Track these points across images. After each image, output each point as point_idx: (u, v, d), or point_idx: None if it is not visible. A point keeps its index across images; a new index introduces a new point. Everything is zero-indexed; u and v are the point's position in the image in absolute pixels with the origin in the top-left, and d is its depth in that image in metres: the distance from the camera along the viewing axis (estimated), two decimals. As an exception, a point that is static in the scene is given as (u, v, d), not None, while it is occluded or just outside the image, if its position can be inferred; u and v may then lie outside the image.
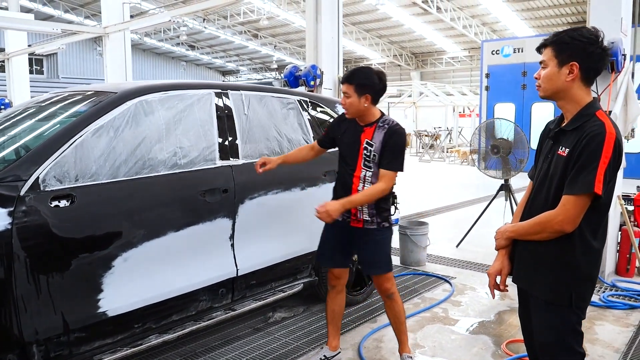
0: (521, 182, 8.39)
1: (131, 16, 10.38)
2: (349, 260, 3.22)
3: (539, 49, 2.03)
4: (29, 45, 13.32)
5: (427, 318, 3.97)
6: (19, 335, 2.30)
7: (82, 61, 30.70)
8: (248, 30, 29.29)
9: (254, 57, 35.78)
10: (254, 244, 3.32)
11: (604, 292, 4.46)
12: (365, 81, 2.89)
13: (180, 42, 31.65)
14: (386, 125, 2.91)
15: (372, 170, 2.91)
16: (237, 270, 3.20)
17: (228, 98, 3.37)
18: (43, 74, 28.19)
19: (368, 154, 2.90)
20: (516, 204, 5.78)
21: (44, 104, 3.19)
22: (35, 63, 27.04)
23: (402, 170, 2.89)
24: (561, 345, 1.95)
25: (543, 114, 14.32)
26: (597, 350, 3.39)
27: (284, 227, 3.53)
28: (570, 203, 1.85)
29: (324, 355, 3.19)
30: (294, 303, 4.11)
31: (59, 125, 2.71)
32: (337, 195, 3.05)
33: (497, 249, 2.13)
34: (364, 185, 2.92)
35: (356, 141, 2.95)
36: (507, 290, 2.13)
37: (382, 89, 2.94)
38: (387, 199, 3.02)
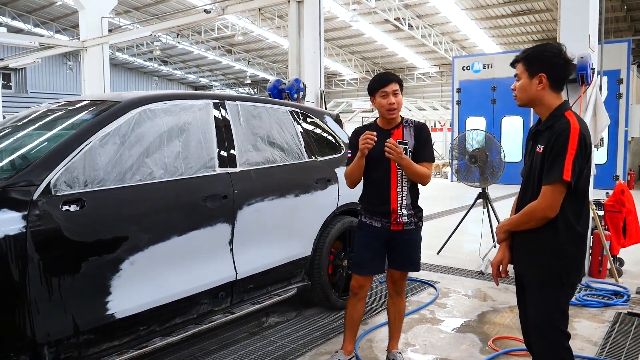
0: (497, 193, 8.73)
1: (109, 30, 10.40)
2: (383, 265, 3.24)
3: (512, 64, 2.35)
4: (2, 59, 13.13)
5: (416, 319, 4.12)
6: (31, 337, 2.35)
7: (52, 76, 30.23)
8: (222, 46, 29.39)
9: (227, 73, 35.85)
10: (252, 249, 3.43)
11: (579, 292, 4.69)
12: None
13: (153, 57, 31.51)
14: (411, 124, 3.10)
15: None
16: (237, 274, 3.30)
17: (225, 108, 3.49)
18: (11, 88, 27.63)
19: (404, 152, 2.97)
20: (494, 212, 6.04)
21: (43, 114, 3.26)
22: (3, 78, 26.49)
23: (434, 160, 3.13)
24: (549, 324, 2.22)
25: (512, 127, 14.88)
26: (576, 344, 3.59)
27: (279, 232, 3.65)
28: (548, 192, 2.13)
29: (339, 359, 3.29)
30: (286, 308, 4.21)
31: (64, 133, 2.79)
32: (369, 203, 3.08)
33: (498, 242, 2.39)
34: (401, 185, 3.03)
35: None
36: (508, 276, 2.39)
37: None
38: (418, 198, 3.15)
